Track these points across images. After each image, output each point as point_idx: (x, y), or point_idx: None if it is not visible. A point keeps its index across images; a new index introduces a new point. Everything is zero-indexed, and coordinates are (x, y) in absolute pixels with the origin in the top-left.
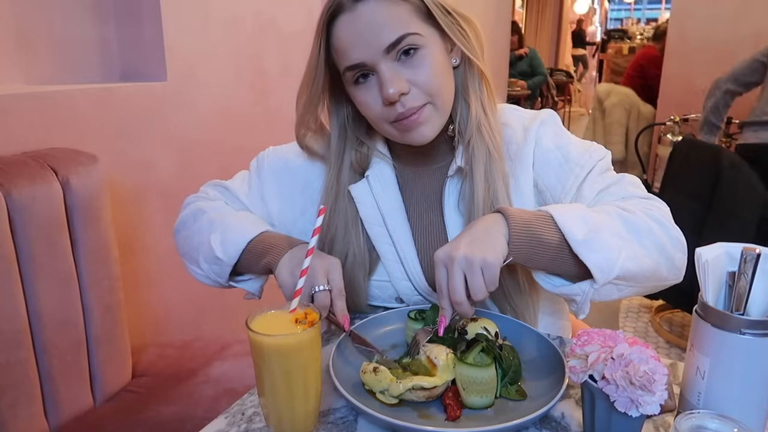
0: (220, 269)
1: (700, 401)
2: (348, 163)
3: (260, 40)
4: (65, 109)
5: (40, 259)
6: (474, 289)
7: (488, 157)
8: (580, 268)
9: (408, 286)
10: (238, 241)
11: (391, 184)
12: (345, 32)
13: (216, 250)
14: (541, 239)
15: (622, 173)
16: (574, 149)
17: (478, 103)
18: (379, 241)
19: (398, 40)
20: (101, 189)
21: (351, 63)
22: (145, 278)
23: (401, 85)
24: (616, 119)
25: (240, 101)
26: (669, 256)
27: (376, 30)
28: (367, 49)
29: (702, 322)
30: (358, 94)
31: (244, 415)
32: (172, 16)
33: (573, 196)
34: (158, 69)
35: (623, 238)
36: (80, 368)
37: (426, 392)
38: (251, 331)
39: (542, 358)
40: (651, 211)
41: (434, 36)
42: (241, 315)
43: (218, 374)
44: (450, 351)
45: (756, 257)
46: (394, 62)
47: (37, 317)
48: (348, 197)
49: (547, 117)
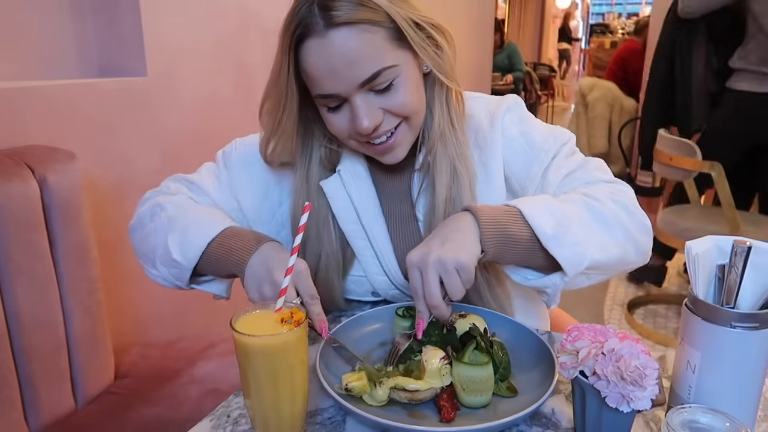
0: (179, 272)
1: (691, 395)
2: (316, 159)
3: (243, 35)
4: (42, 105)
5: (17, 260)
6: (452, 291)
7: (452, 169)
8: (551, 260)
9: (384, 281)
10: (197, 242)
11: (364, 177)
12: (316, 60)
13: (173, 252)
14: (511, 235)
15: (587, 157)
16: (538, 135)
17: (444, 113)
18: (353, 237)
19: (374, 75)
20: (80, 187)
21: (323, 93)
22: (127, 277)
23: (376, 117)
24: (599, 113)
25: (223, 97)
26: (635, 241)
27: (350, 64)
28: (340, 82)
29: (692, 315)
30: (329, 117)
31: (230, 417)
32: (151, 9)
33: (539, 182)
34: (138, 64)
35: (591, 228)
36: (61, 370)
37: (408, 394)
38: (236, 332)
39: (530, 354)
40: (617, 196)
41: (407, 57)
42: (225, 314)
43: (203, 374)
44: (446, 359)
45: (747, 250)
46: (369, 93)
47: (15, 319)
48: (319, 194)
49: (513, 103)
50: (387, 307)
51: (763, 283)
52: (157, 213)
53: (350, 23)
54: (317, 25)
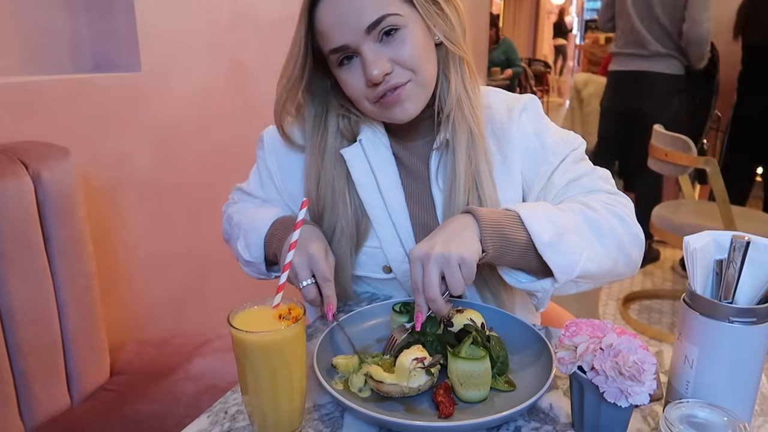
0: (257, 268)
1: (689, 390)
2: (333, 128)
3: (238, 30)
4: (35, 100)
5: (11, 256)
6: (453, 285)
7: (470, 134)
8: (543, 265)
9: (399, 252)
10: (256, 241)
11: (385, 148)
12: (327, 15)
13: (244, 254)
14: (510, 239)
15: (594, 166)
16: (551, 137)
17: (459, 80)
18: (371, 206)
19: (378, 20)
20: (74, 183)
21: (334, 46)
22: (122, 274)
23: (384, 66)
24: (593, 109)
25: (217, 92)
26: (627, 253)
27: (357, 11)
28: (349, 31)
29: (690, 310)
30: (343, 74)
31: (227, 414)
32: (145, 4)
33: (544, 183)
34: (132, 59)
35: (586, 238)
36: (56, 367)
37: (374, 382)
38: (233, 328)
39: (527, 348)
40: (614, 207)
41: (415, 16)
42: (221, 310)
43: (199, 371)
44: (418, 362)
45: (745, 245)
46: (376, 43)
47: (10, 316)
48: (335, 164)
49: (530, 102)
50: (384, 303)
51: (761, 278)
52: (230, 222)
53: None
54: None
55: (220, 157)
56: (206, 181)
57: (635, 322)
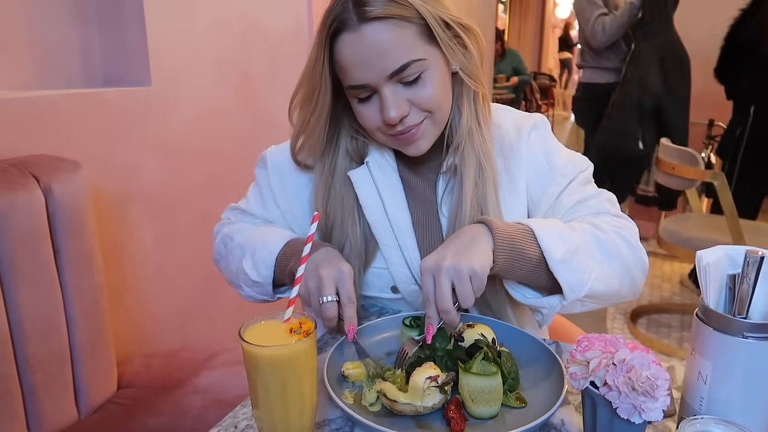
0: (262, 289)
1: (703, 406)
2: (343, 150)
3: (246, 44)
4: (47, 114)
5: (21, 269)
6: (463, 297)
7: (478, 164)
8: (552, 282)
9: (406, 274)
10: (266, 261)
11: (392, 171)
12: (348, 52)
13: (251, 274)
14: (522, 253)
15: (600, 189)
16: (559, 157)
17: (472, 112)
18: (378, 228)
19: (402, 67)
20: (84, 196)
21: (354, 83)
22: (130, 287)
23: (403, 108)
24: None
25: (226, 105)
26: (632, 276)
27: (380, 55)
28: (371, 73)
29: (703, 326)
30: (359, 107)
31: (237, 428)
32: (155, 19)
33: (552, 203)
34: (142, 73)
35: (596, 258)
36: (64, 380)
37: (388, 401)
38: (244, 342)
39: (538, 364)
40: (621, 230)
41: (437, 55)
42: (228, 323)
43: (206, 384)
44: (432, 380)
45: (759, 260)
46: (397, 85)
47: (19, 329)
48: (344, 184)
49: (540, 122)
50: (394, 317)
51: None
52: (228, 243)
53: (382, 18)
54: (351, 20)
55: (228, 170)
56: (215, 195)
57: (643, 336)
